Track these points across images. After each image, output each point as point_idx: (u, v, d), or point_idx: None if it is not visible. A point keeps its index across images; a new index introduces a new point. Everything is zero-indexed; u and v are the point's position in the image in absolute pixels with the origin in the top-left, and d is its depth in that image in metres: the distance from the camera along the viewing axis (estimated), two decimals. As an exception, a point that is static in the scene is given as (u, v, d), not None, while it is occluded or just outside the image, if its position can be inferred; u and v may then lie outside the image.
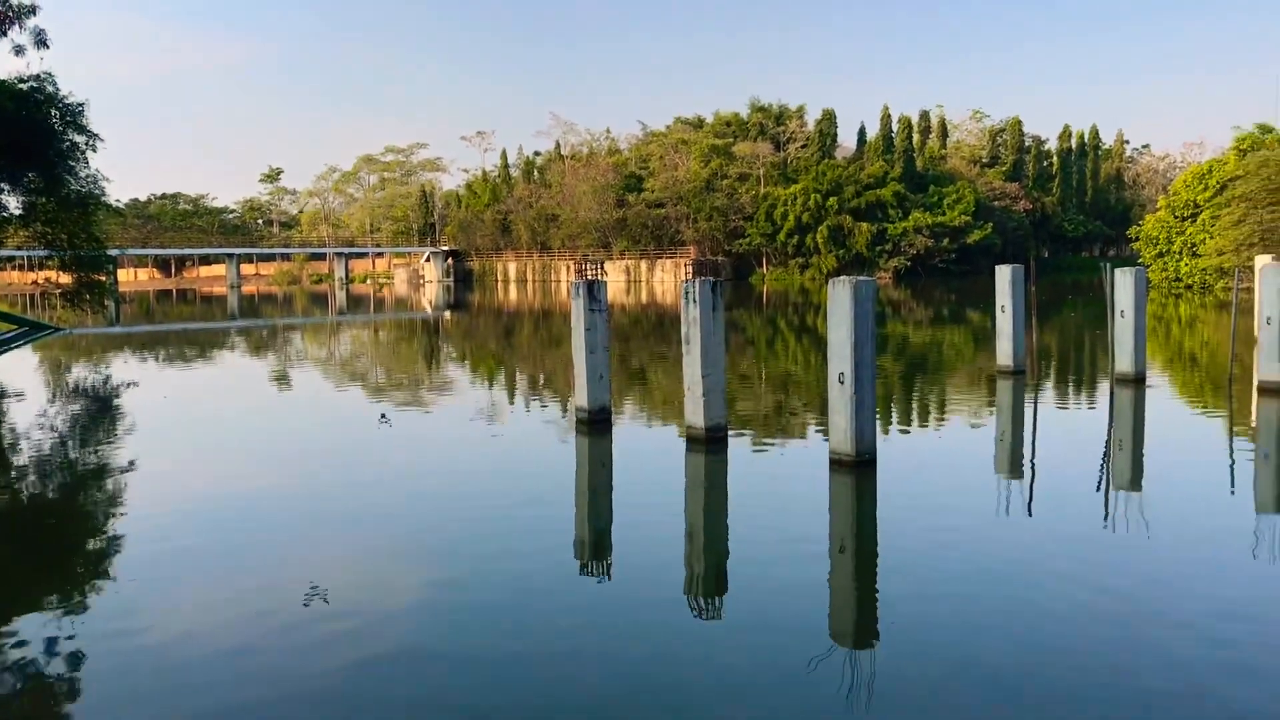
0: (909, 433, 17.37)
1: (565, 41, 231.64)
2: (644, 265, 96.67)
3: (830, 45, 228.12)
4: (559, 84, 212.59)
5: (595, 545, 10.81)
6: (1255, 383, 19.55)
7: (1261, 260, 27.51)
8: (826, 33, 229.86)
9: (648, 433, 17.63)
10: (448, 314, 59.57)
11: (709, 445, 14.77)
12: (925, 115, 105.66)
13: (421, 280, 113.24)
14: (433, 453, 16.13)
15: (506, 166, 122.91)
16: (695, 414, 15.00)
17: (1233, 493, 12.53)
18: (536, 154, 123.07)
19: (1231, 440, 16.03)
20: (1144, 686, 6.95)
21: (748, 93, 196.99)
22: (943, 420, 18.77)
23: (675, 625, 8.25)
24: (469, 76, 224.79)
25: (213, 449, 16.68)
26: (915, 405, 20.63)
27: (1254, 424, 17.01)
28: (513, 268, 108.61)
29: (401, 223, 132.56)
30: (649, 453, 15.78)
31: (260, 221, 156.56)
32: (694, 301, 14.76)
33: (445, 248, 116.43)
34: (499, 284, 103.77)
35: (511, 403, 21.90)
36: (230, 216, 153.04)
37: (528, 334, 43.20)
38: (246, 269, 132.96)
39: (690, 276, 15.35)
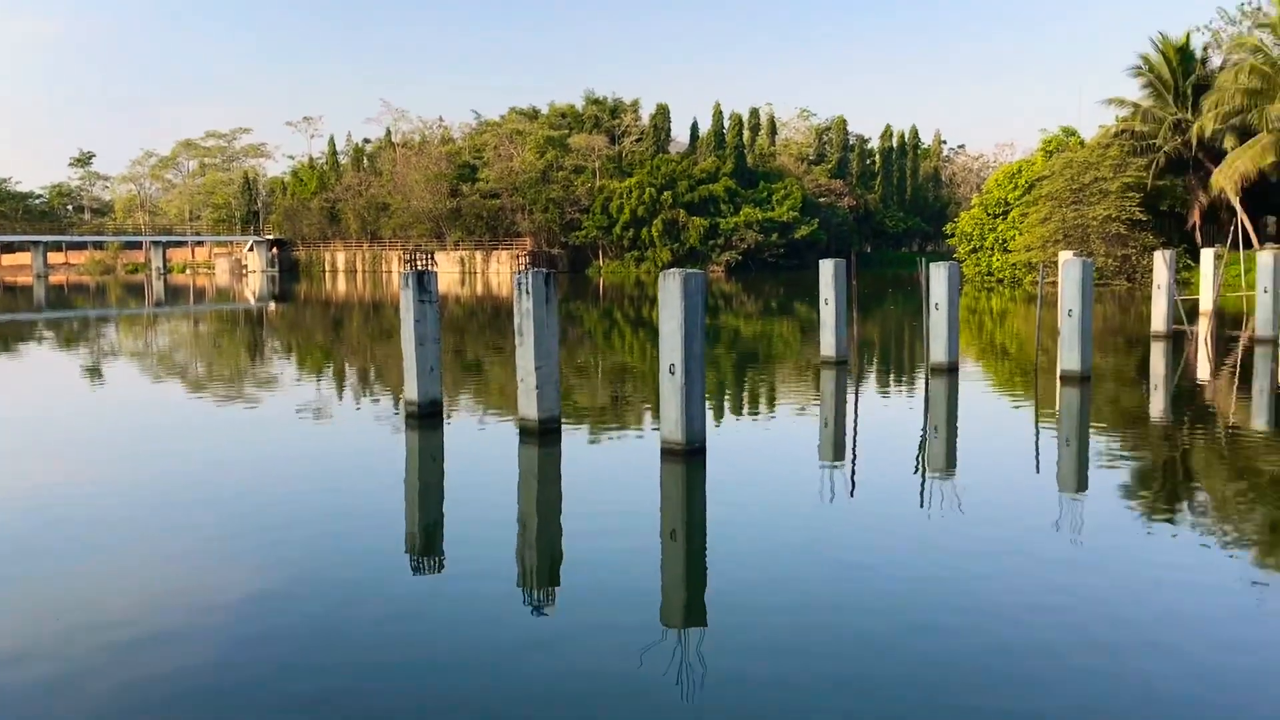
0: (738, 421, 17.74)
1: (396, 27, 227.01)
2: (479, 256, 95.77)
3: (663, 40, 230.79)
4: (390, 70, 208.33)
5: (426, 540, 10.65)
6: (1058, 372, 20.75)
7: (1064, 256, 29.22)
8: (660, 28, 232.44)
9: (480, 426, 17.48)
10: (272, 305, 57.60)
11: (542, 437, 14.74)
12: (755, 113, 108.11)
13: (244, 270, 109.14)
14: (256, 450, 15.57)
15: (335, 153, 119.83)
16: (528, 406, 14.94)
17: (1038, 474, 13.28)
18: (366, 141, 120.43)
19: (1037, 426, 17.00)
20: (962, 662, 7.28)
21: (582, 85, 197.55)
22: (770, 409, 19.27)
23: (508, 617, 8.21)
24: (295, 60, 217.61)
25: (12, 448, 15.66)
26: (745, 395, 21.10)
27: (1057, 411, 18.07)
28: (341, 258, 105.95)
29: (223, 210, 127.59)
30: (481, 446, 15.64)
31: (70, 208, 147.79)
32: (527, 292, 14.69)
33: (270, 237, 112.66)
34: (326, 274, 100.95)
35: (340, 397, 21.34)
36: (37, 202, 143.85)
37: (357, 326, 42.19)
38: (55, 257, 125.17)
39: (525, 267, 15.34)
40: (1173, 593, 8.65)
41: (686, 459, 13.09)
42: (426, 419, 16.37)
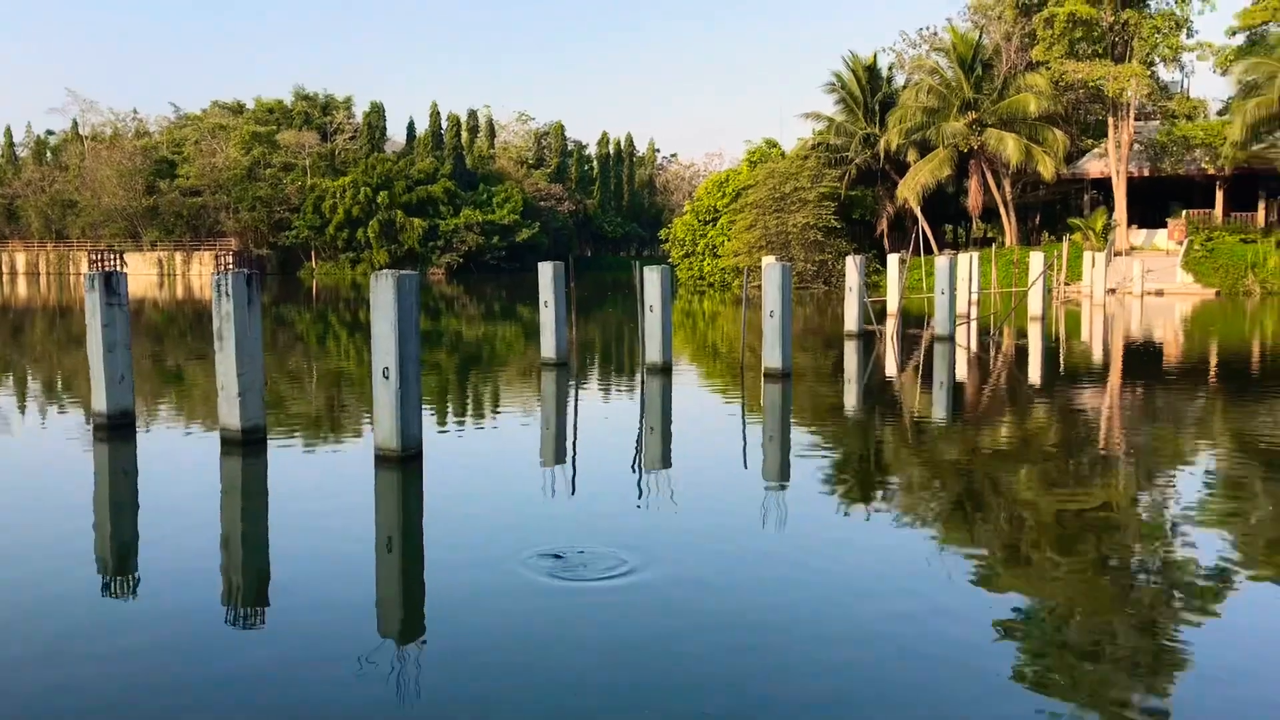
0: (459, 426, 17.55)
1: (83, 11, 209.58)
2: (179, 257, 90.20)
3: (376, 38, 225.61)
4: (77, 58, 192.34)
5: (119, 561, 9.84)
6: (763, 369, 21.83)
7: (767, 261, 30.84)
8: (373, 24, 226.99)
9: (178, 437, 16.40)
10: (-62, 311, 51.76)
11: (246, 448, 13.97)
12: (474, 114, 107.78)
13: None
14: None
15: (11, 146, 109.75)
16: (231, 415, 14.13)
17: (745, 468, 13.91)
18: (50, 133, 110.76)
19: (744, 421, 17.81)
20: (681, 652, 7.46)
21: (291, 81, 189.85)
22: (491, 412, 19.20)
23: (213, 640, 7.70)
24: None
25: None
26: (465, 398, 20.91)
27: (762, 406, 19.01)
28: (21, 259, 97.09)
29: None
30: (179, 459, 14.67)
31: None
32: (226, 295, 13.93)
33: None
34: (5, 277, 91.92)
35: (21, 410, 19.45)
36: None
37: (41, 333, 38.63)
38: None
39: (226, 269, 14.52)
40: (863, 564, 9.27)
41: (402, 466, 12.79)
42: (117, 430, 15.15)
